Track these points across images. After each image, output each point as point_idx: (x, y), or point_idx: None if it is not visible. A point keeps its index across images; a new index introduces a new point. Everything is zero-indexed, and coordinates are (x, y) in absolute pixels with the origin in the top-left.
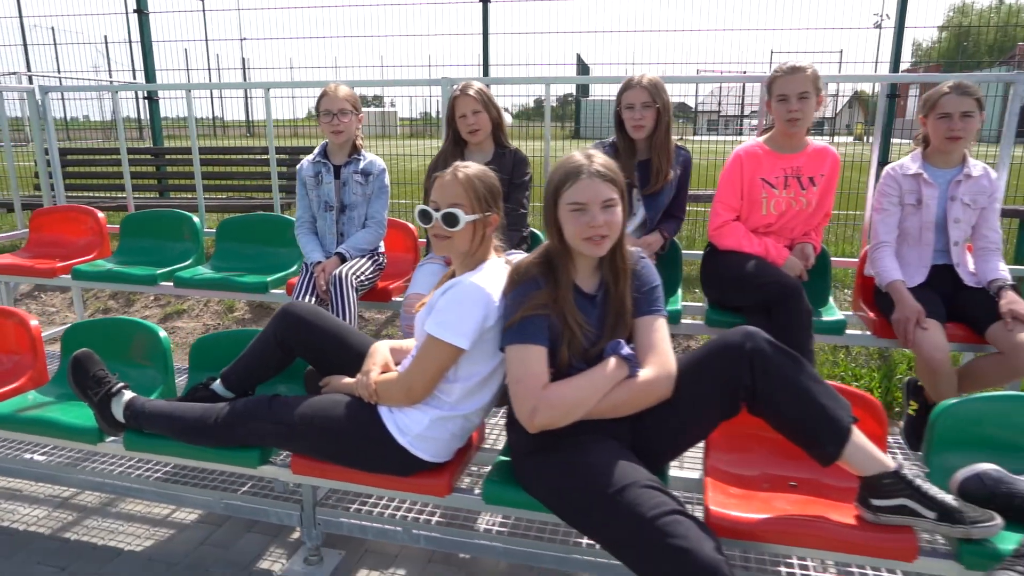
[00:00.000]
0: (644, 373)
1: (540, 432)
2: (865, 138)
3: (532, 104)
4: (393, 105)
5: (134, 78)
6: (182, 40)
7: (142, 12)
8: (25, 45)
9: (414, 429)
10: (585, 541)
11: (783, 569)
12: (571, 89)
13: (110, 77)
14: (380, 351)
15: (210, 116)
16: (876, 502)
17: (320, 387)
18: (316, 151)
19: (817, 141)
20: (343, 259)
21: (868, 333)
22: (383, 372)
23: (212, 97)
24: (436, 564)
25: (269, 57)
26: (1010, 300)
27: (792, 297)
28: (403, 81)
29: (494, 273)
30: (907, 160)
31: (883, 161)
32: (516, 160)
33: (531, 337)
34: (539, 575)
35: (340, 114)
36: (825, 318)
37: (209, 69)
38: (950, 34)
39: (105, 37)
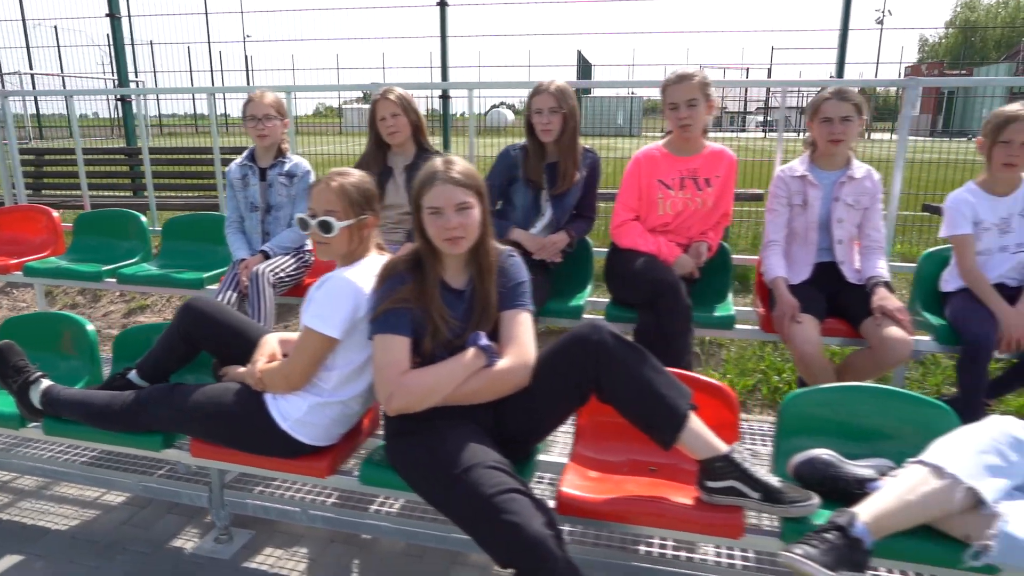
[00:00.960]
0: (502, 363)
1: (405, 416)
2: (866, 135)
3: None
4: None
5: (136, 76)
6: (159, 42)
7: (114, 16)
8: (28, 46)
9: (294, 415)
10: None
11: (643, 548)
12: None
13: (114, 76)
14: (268, 343)
15: (217, 114)
16: (709, 484)
17: (220, 376)
18: (244, 155)
19: (714, 144)
20: (267, 256)
21: (758, 328)
22: (269, 362)
23: (214, 97)
24: (337, 544)
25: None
26: (881, 296)
27: (670, 293)
28: (333, 87)
29: (368, 269)
30: (796, 163)
31: None
32: None
33: (393, 328)
34: (432, 554)
35: (265, 119)
36: (717, 313)
37: (212, 70)
38: (957, 31)
39: (107, 36)
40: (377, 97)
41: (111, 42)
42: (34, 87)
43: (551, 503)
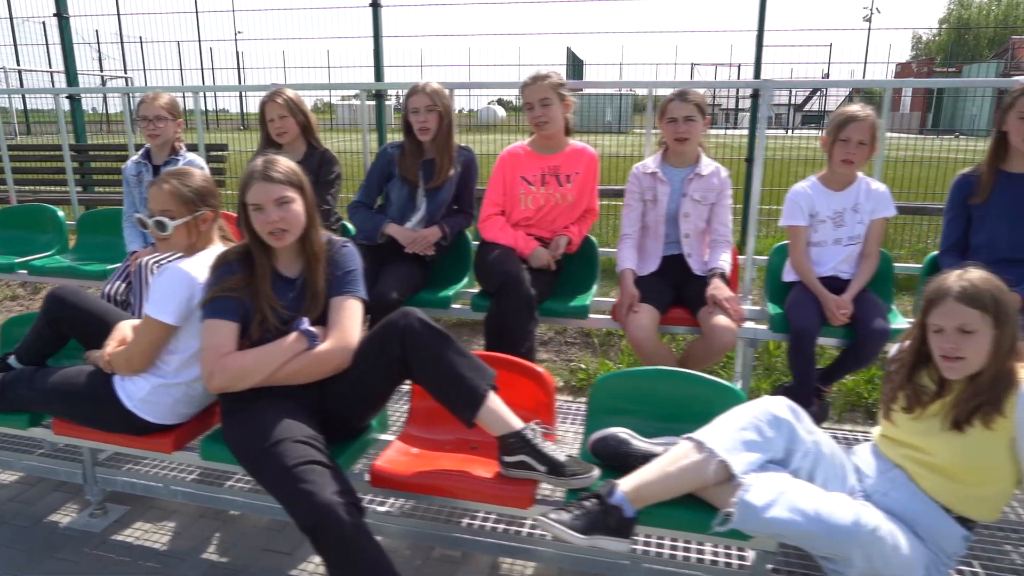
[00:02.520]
0: (323, 346)
1: (235, 396)
2: None
3: None
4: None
5: (126, 72)
6: (149, 40)
7: (62, 16)
8: (15, 44)
9: (138, 394)
10: None
11: (466, 521)
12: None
13: (101, 71)
14: (121, 328)
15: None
16: (505, 458)
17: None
18: (139, 152)
19: (576, 142)
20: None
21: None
22: (119, 346)
23: (205, 95)
24: (206, 519)
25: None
26: (714, 286)
27: (512, 284)
28: (239, 87)
29: (207, 260)
30: (649, 160)
31: (749, 158)
32: (323, 160)
33: (219, 313)
34: (292, 528)
35: (156, 120)
36: (572, 303)
37: (202, 68)
38: (950, 28)
39: (96, 32)
40: (266, 99)
41: (60, 41)
42: (21, 84)
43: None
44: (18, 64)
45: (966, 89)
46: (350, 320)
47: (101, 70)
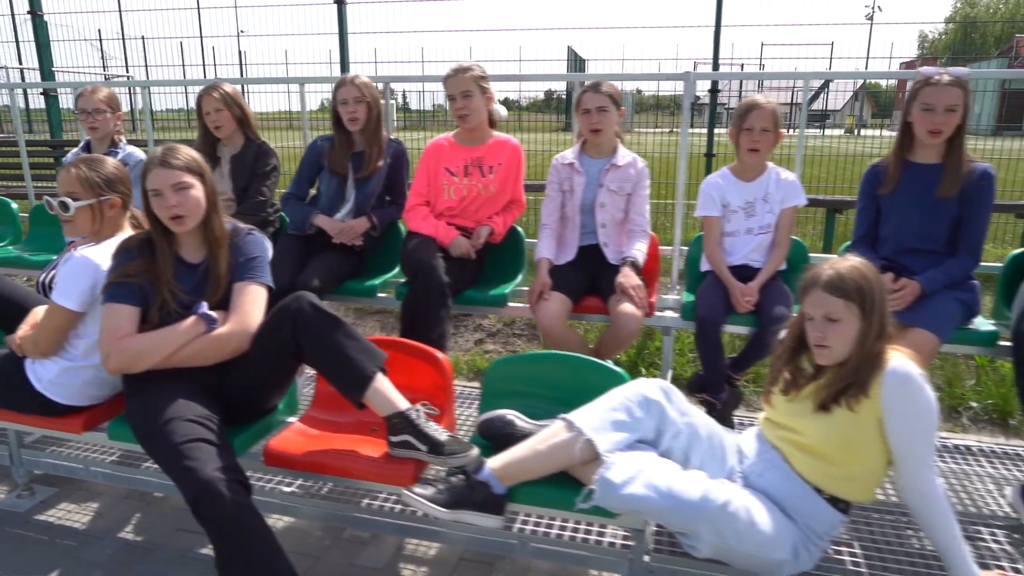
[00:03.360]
0: (221, 329)
1: (137, 377)
2: (856, 131)
3: (542, 96)
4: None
5: (127, 70)
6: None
7: (36, 14)
8: (16, 40)
9: (47, 376)
10: None
11: (368, 502)
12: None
13: (104, 71)
14: (34, 313)
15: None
16: (391, 438)
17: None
18: (80, 145)
19: (500, 134)
20: None
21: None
22: (29, 331)
23: (303, 92)
24: (131, 500)
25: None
26: (623, 274)
27: (424, 272)
28: (169, 81)
29: (110, 247)
30: (568, 152)
31: (709, 153)
32: (259, 152)
33: (118, 298)
34: None
35: (95, 113)
36: (491, 292)
37: (204, 65)
38: (957, 26)
39: (99, 31)
40: (202, 93)
41: (34, 39)
42: (23, 80)
43: None
44: (20, 63)
45: (972, 87)
46: (250, 305)
47: (104, 68)
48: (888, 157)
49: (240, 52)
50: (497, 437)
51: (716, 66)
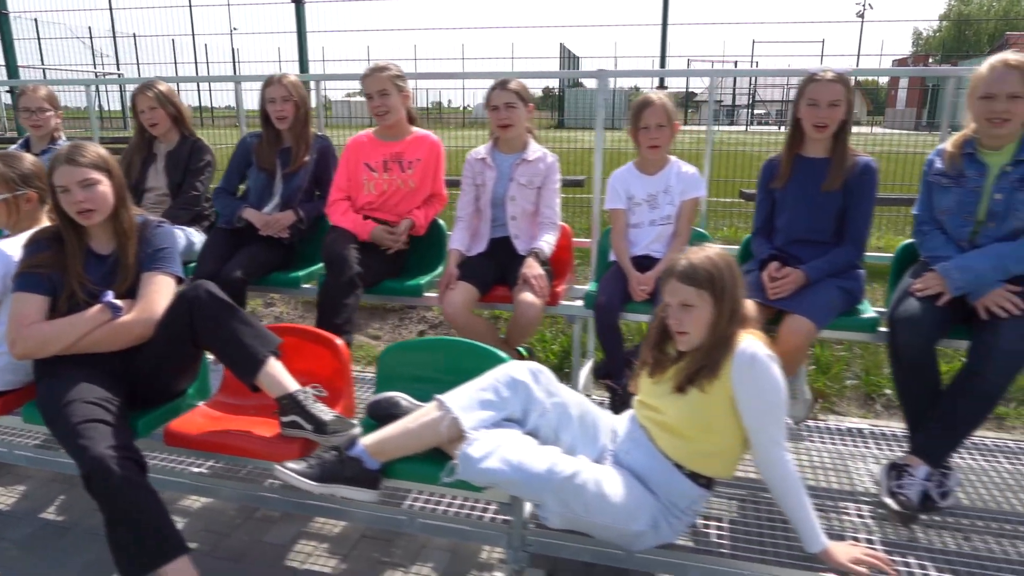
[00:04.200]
0: (126, 317)
1: (46, 362)
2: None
3: (540, 94)
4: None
5: (118, 68)
6: (143, 35)
7: (1, 12)
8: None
9: None
10: None
11: (270, 481)
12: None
13: (94, 68)
14: None
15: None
16: (281, 419)
17: None
18: (19, 142)
19: (419, 130)
20: None
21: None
22: None
23: (199, 88)
24: (57, 483)
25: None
26: (527, 265)
27: (335, 262)
28: (110, 79)
29: (23, 239)
30: (481, 147)
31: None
32: (194, 149)
33: (26, 287)
34: None
35: (38, 111)
36: (408, 283)
37: (196, 62)
38: (951, 24)
39: (89, 29)
40: (136, 92)
41: (0, 36)
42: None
43: None
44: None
45: (963, 85)
46: (155, 294)
47: (94, 66)
48: (782, 152)
49: (233, 50)
50: (385, 418)
51: (663, 63)
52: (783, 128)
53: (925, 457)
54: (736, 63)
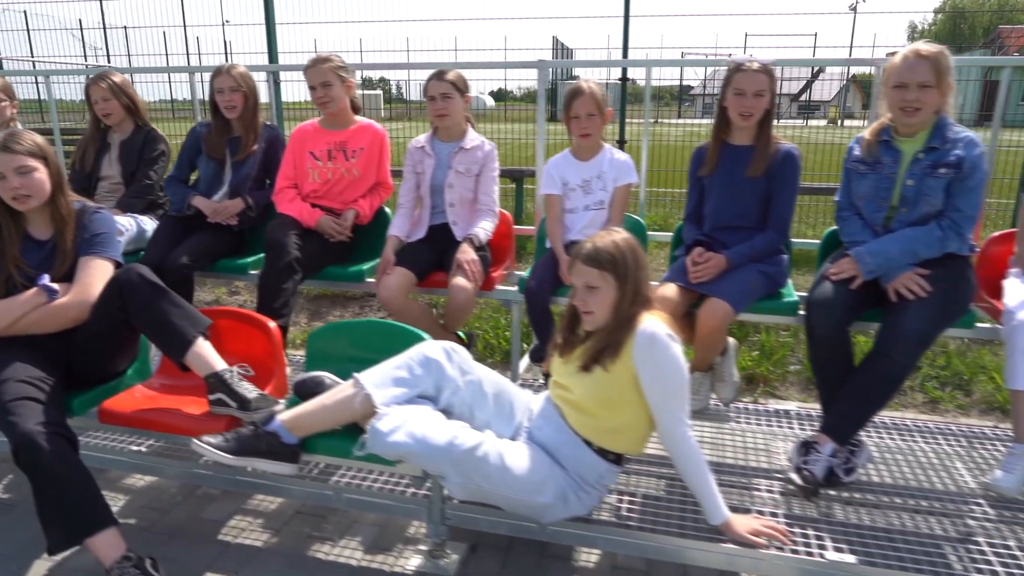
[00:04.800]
0: (62, 300)
1: None
2: (839, 122)
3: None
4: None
5: (108, 60)
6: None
7: None
8: None
9: None
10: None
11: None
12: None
13: (85, 60)
14: None
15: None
16: (209, 397)
17: None
18: None
19: (364, 119)
20: None
21: None
22: None
23: (192, 81)
24: (7, 463)
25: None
26: (461, 250)
27: (274, 248)
28: (58, 71)
29: None
30: (422, 136)
31: (621, 140)
32: (148, 138)
33: None
34: None
35: None
36: (350, 269)
37: (188, 54)
38: (946, 16)
39: (79, 21)
40: (90, 83)
41: None
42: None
43: None
44: None
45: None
46: (91, 277)
47: (85, 58)
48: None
49: (225, 42)
50: (310, 395)
51: (625, 54)
52: (777, 122)
53: (832, 435)
54: (731, 55)
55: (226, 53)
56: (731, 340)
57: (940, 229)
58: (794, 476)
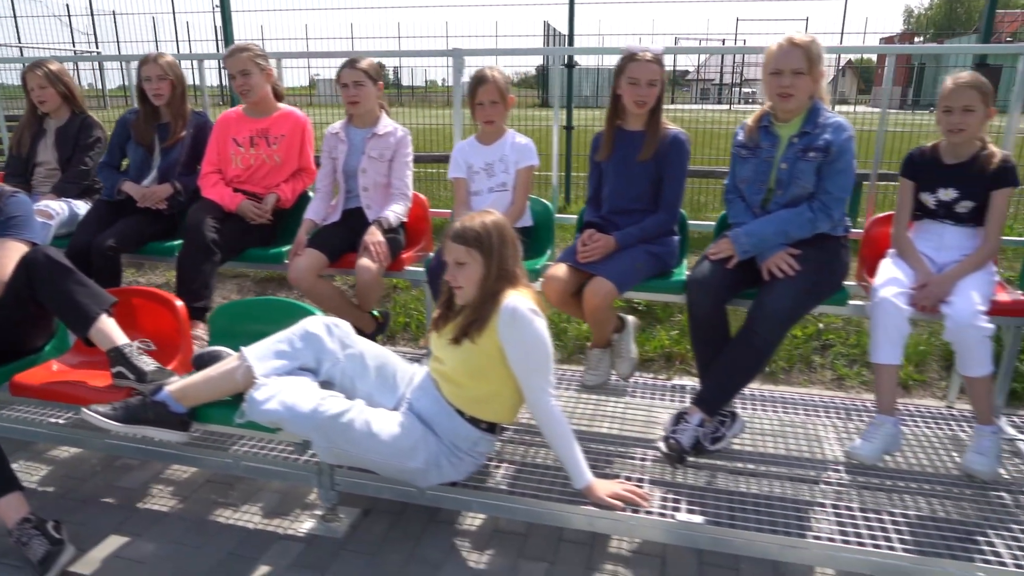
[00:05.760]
0: None
1: None
2: (831, 107)
3: (533, 72)
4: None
5: (96, 47)
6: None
7: None
8: None
9: None
10: None
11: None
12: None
13: (73, 47)
14: None
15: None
16: (111, 370)
17: None
18: None
19: (287, 107)
20: None
21: None
22: None
23: (192, 68)
24: None
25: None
26: (368, 232)
27: (191, 231)
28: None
29: None
30: (337, 123)
31: (568, 126)
32: (83, 125)
33: None
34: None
35: None
36: (270, 251)
37: (177, 41)
38: (942, 1)
39: (67, 7)
40: (26, 71)
41: None
42: None
43: None
44: None
45: (947, 63)
46: (4, 258)
47: (73, 44)
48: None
49: (216, 28)
50: (205, 366)
51: (571, 40)
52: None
53: (701, 406)
54: (724, 41)
55: (216, 40)
56: (631, 318)
57: (811, 211)
58: (661, 445)
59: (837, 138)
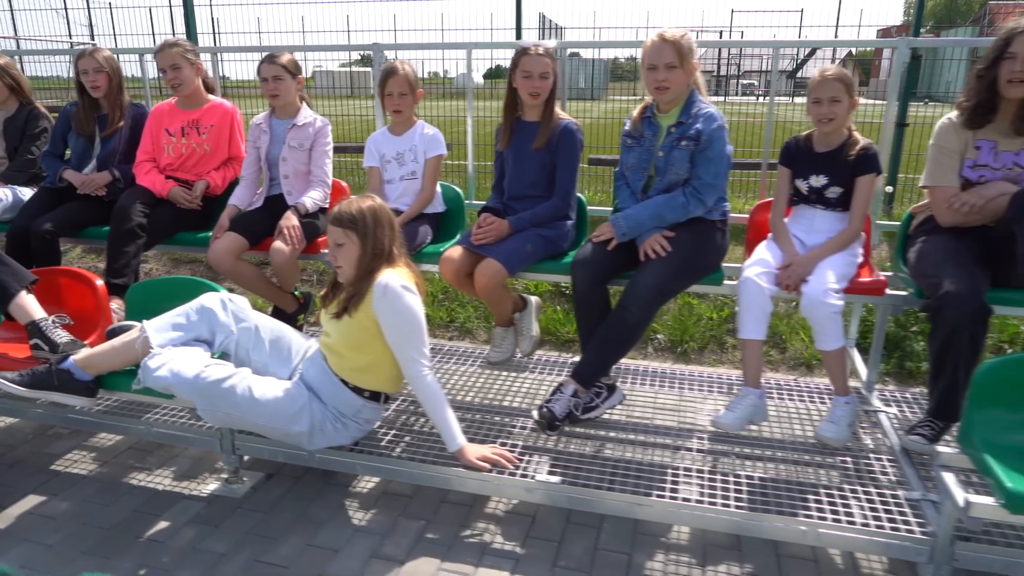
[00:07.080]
0: None
1: None
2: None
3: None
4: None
5: (92, 39)
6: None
7: None
8: None
9: None
10: None
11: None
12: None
13: (70, 39)
14: None
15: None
16: (29, 342)
17: None
18: None
19: (216, 99)
20: None
21: None
22: None
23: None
24: None
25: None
26: (284, 216)
27: (118, 215)
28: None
29: None
30: (261, 115)
31: None
32: (30, 116)
33: None
34: None
35: None
36: (199, 236)
37: (174, 32)
38: None
39: (64, 1)
40: None
41: None
42: None
43: None
44: None
45: (942, 55)
46: None
47: (69, 36)
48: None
49: (213, 20)
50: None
51: (519, 35)
52: (764, 99)
53: (576, 378)
54: (721, 34)
55: (214, 32)
56: (533, 298)
57: (684, 196)
58: (534, 413)
59: (707, 128)
